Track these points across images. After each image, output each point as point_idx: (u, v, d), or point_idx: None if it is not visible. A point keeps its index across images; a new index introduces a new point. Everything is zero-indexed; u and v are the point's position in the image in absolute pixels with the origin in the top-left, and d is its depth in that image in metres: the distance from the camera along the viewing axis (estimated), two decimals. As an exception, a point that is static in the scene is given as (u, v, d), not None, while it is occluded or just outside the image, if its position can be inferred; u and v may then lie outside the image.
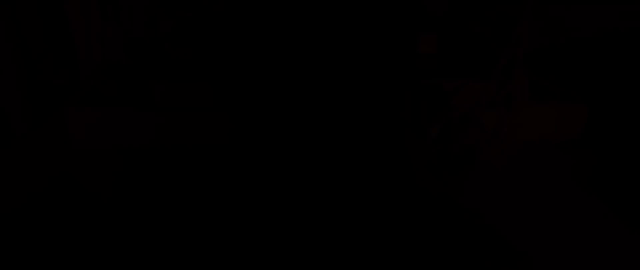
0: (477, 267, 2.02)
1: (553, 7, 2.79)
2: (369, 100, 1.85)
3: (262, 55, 2.27)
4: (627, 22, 2.57)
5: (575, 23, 2.61)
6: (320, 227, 2.00)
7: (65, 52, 3.39)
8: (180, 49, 2.84)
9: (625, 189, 2.52)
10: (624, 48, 2.75)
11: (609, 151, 2.83)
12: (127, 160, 2.70)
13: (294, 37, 1.85)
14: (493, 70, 2.54)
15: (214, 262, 1.96)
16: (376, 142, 1.95)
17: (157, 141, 2.79)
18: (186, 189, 2.46)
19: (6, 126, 2.89)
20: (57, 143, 2.83)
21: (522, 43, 2.45)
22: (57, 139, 2.85)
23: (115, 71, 3.05)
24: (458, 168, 2.42)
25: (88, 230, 2.18)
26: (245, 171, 2.17)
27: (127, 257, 2.01)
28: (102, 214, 2.28)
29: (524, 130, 2.61)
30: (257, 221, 2.07)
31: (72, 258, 2.00)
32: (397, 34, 1.88)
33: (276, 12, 1.86)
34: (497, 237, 2.11)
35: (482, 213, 2.25)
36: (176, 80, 2.71)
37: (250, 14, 1.83)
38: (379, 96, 1.89)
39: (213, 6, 2.97)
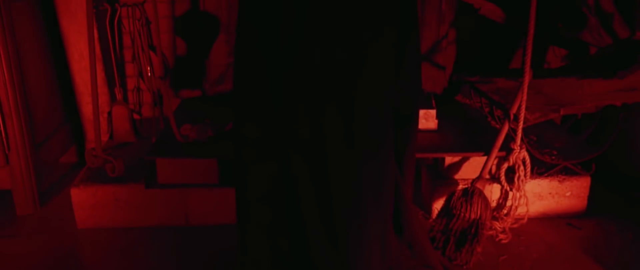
0: None
1: (548, 84, 2.85)
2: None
3: None
4: (623, 97, 2.61)
5: (572, 99, 2.66)
6: None
7: (72, 131, 3.46)
8: (187, 126, 2.89)
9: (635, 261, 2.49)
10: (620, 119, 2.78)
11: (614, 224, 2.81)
12: (133, 239, 2.69)
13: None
14: (494, 145, 2.57)
15: None
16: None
17: (163, 219, 2.79)
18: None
19: (11, 205, 2.92)
20: (62, 222, 2.83)
21: (521, 118, 2.49)
22: (62, 218, 2.86)
23: (122, 149, 3.10)
24: (462, 243, 2.40)
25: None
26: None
27: None
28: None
29: (528, 205, 2.61)
30: None
31: None
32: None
33: None
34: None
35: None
36: (182, 156, 2.74)
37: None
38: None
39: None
